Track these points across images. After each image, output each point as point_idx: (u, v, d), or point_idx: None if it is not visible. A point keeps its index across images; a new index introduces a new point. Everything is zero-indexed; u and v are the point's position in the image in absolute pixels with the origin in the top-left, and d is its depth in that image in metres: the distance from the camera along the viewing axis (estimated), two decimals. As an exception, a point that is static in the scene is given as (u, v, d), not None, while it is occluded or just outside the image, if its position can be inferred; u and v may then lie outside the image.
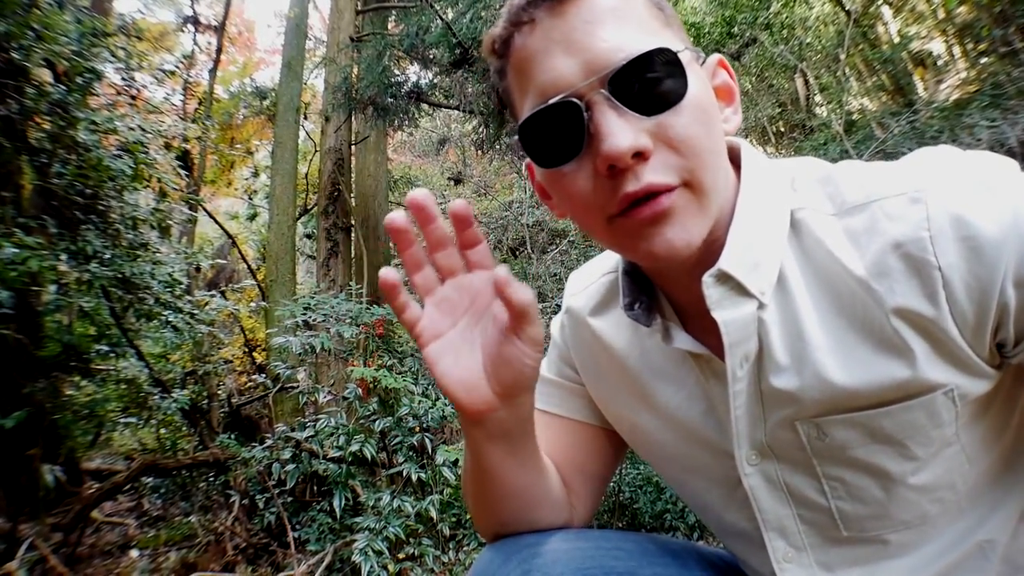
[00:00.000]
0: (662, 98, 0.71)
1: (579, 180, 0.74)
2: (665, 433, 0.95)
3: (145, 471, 4.87)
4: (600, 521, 3.79)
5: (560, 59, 0.72)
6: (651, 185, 0.70)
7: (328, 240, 7.60)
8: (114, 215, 4.63)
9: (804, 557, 0.86)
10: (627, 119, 0.70)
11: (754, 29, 7.95)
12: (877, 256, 0.73)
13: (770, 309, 0.79)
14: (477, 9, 5.46)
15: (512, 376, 0.73)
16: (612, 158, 0.69)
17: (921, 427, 0.75)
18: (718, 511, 0.95)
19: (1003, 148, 4.54)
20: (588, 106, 0.71)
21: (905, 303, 0.72)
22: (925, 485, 0.79)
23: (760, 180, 0.82)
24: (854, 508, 0.82)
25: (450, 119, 12.79)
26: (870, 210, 0.75)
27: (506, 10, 0.78)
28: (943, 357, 0.73)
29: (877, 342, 0.74)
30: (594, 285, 1.03)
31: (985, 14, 6.83)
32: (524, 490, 0.89)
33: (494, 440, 0.81)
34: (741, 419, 0.83)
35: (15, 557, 3.60)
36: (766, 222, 0.80)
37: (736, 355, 0.80)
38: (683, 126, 0.71)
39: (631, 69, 0.70)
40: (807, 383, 0.77)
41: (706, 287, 0.78)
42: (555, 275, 7.02)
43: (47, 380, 4.35)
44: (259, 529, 4.38)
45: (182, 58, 11.06)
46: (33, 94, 3.99)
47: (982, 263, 0.68)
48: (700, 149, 0.72)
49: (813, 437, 0.80)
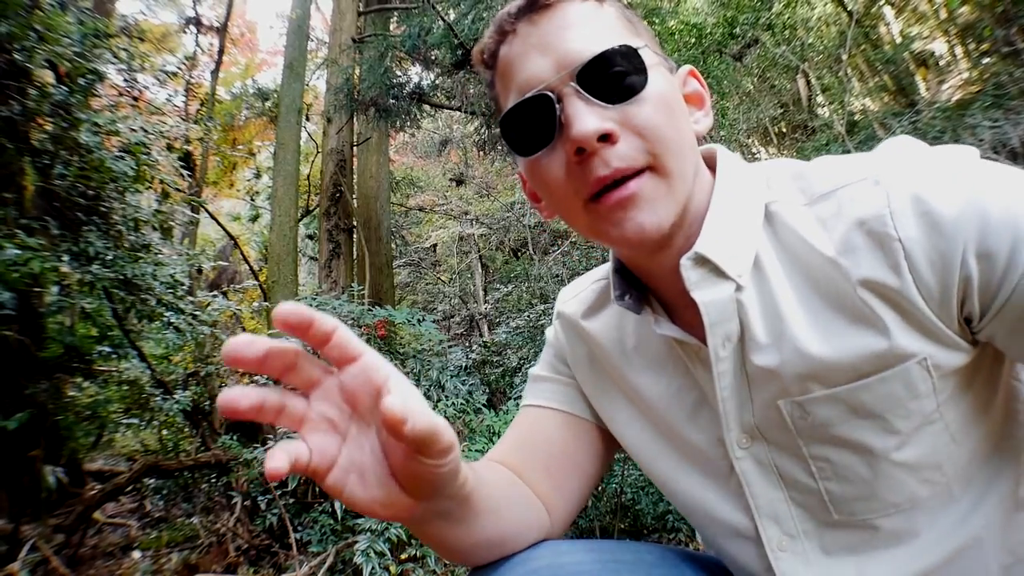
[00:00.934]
0: (626, 89, 0.78)
1: (553, 166, 0.81)
2: (658, 427, 0.98)
3: (147, 472, 4.87)
4: (602, 523, 3.79)
5: (536, 60, 0.81)
6: (618, 169, 0.77)
7: (330, 241, 7.60)
8: (116, 216, 4.64)
9: (798, 545, 0.87)
10: (594, 108, 0.77)
11: (756, 30, 7.95)
12: (843, 235, 0.78)
13: (748, 291, 0.83)
14: (479, 10, 5.47)
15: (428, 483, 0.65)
16: (579, 140, 0.76)
17: (899, 399, 0.78)
18: (711, 508, 0.95)
19: (1005, 148, 4.53)
20: (559, 98, 0.78)
21: (870, 274, 0.76)
22: (910, 462, 0.80)
23: (735, 178, 0.88)
24: (842, 488, 0.83)
25: (452, 120, 12.82)
26: (836, 196, 0.80)
27: (492, 24, 0.87)
28: (912, 326, 0.76)
29: (849, 315, 0.78)
30: (585, 292, 1.09)
31: (987, 14, 6.84)
32: (485, 539, 0.86)
33: (431, 522, 0.77)
34: (728, 400, 0.86)
35: (17, 558, 3.60)
36: (741, 213, 0.85)
37: (717, 335, 0.83)
38: (646, 114, 0.78)
39: (597, 63, 0.78)
40: (787, 358, 0.81)
41: (684, 269, 0.83)
42: (557, 276, 7.03)
43: (49, 381, 4.35)
44: (261, 530, 4.38)
45: (184, 59, 11.09)
46: (35, 95, 4.00)
47: (942, 236, 0.72)
48: (663, 135, 0.78)
49: (796, 416, 0.82)
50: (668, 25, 7.32)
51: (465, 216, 12.88)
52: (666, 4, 8.74)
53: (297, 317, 0.58)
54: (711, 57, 7.42)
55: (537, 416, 1.08)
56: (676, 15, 8.15)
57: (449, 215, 13.44)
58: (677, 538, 3.63)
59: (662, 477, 1.01)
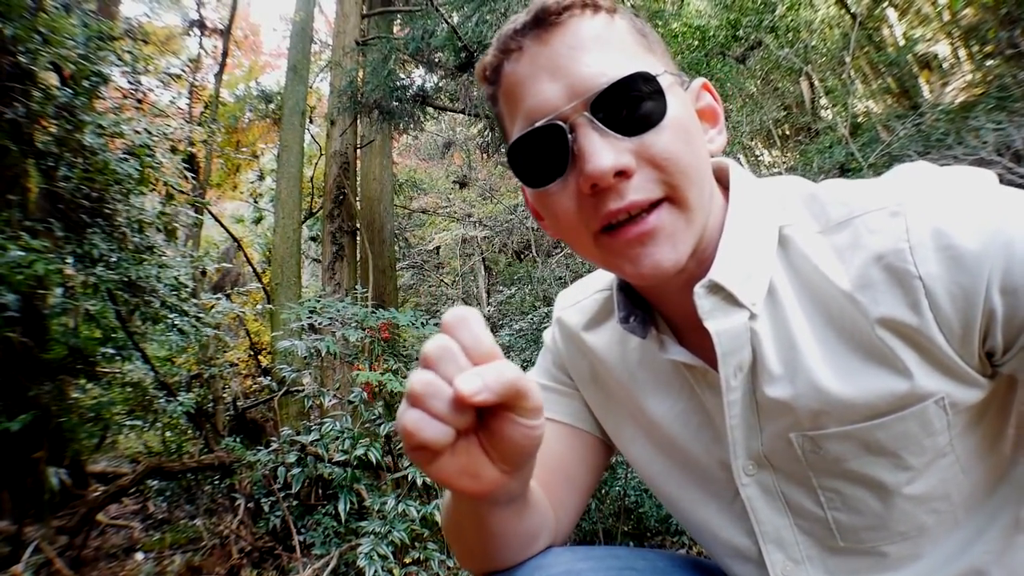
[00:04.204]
0: (643, 119, 0.73)
1: (564, 200, 0.77)
2: (662, 446, 0.95)
3: (150, 474, 4.87)
4: (605, 525, 3.78)
5: (546, 84, 0.75)
6: (633, 203, 0.73)
7: (333, 243, 7.60)
8: (120, 218, 4.64)
9: (802, 571, 0.86)
10: (609, 140, 0.72)
11: (759, 32, 7.95)
12: (861, 269, 0.75)
13: (762, 320, 0.80)
14: (482, 12, 5.47)
15: (520, 452, 0.64)
16: (594, 177, 0.72)
17: (914, 437, 0.76)
18: (715, 528, 0.93)
19: (1009, 151, 4.52)
20: (572, 128, 0.74)
21: (888, 313, 0.73)
22: (920, 495, 0.79)
23: (748, 198, 0.84)
24: (850, 519, 0.82)
25: (455, 122, 12.83)
26: (853, 226, 0.77)
27: (496, 39, 0.82)
28: (932, 366, 0.74)
29: (866, 353, 0.75)
30: (587, 300, 1.04)
31: (991, 16, 6.83)
32: (522, 533, 0.86)
33: (501, 507, 0.78)
34: (737, 428, 0.84)
35: (20, 560, 3.60)
36: (755, 237, 0.82)
37: (729, 365, 0.81)
38: (664, 144, 0.73)
39: (612, 92, 0.73)
40: (801, 391, 0.78)
41: (697, 297, 0.79)
42: (560, 279, 7.03)
43: (53, 383, 4.36)
44: (264, 532, 4.38)
45: (188, 62, 11.11)
46: (40, 97, 4.01)
47: (964, 272, 0.69)
48: (682, 165, 0.74)
49: (808, 450, 0.80)
50: (671, 28, 7.33)
51: (468, 218, 12.89)
52: (669, 7, 8.74)
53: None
54: (714, 60, 7.42)
55: None
56: (679, 18, 8.16)
57: (452, 217, 13.44)
58: (680, 540, 3.62)
59: (666, 495, 1.00)
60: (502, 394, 0.56)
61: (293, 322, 4.32)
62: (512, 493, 0.75)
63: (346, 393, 4.25)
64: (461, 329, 0.58)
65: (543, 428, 0.63)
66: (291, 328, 4.33)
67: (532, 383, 0.59)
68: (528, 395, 0.59)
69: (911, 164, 0.82)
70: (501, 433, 0.61)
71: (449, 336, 0.58)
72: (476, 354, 0.58)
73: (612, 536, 3.71)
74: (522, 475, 0.71)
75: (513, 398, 0.57)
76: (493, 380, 0.55)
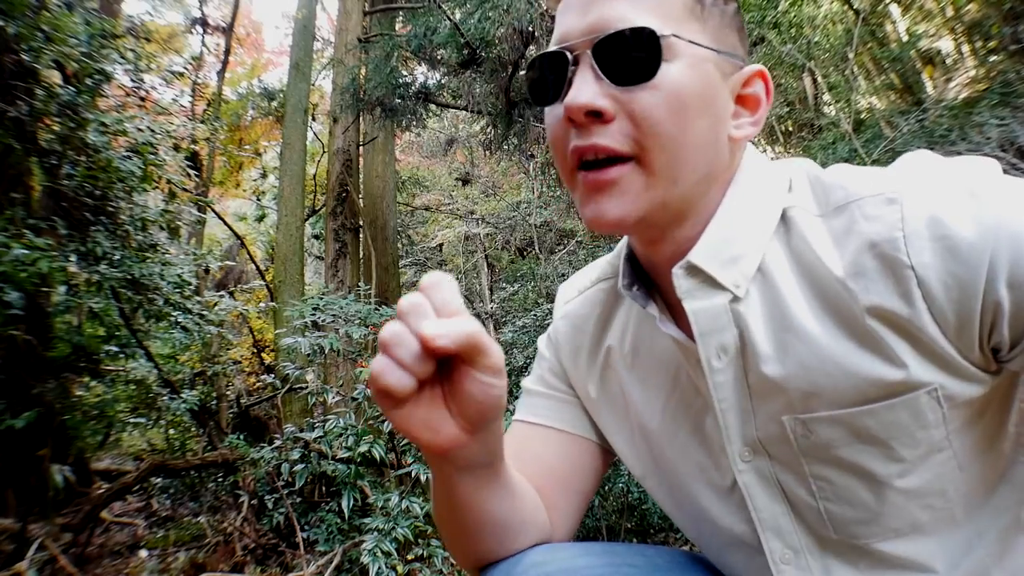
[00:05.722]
0: (635, 72, 0.75)
1: (556, 126, 0.81)
2: (662, 435, 0.95)
3: (154, 471, 4.89)
4: (608, 522, 3.78)
5: (575, 17, 0.79)
6: (597, 145, 0.76)
7: (336, 241, 7.61)
8: (123, 216, 4.65)
9: (801, 559, 0.85)
10: (600, 83, 0.76)
11: (762, 28, 7.92)
12: (854, 256, 0.75)
13: (751, 301, 0.81)
14: (485, 9, 5.46)
15: (478, 409, 0.67)
16: (569, 110, 0.76)
17: (905, 427, 0.75)
18: (714, 516, 0.93)
19: (1013, 147, 4.51)
20: (576, 60, 0.78)
21: (879, 301, 0.73)
22: (913, 489, 0.78)
23: (753, 181, 0.84)
24: (841, 510, 0.81)
25: (458, 119, 12.81)
26: (849, 210, 0.77)
27: None
28: (924, 356, 0.73)
29: (859, 340, 0.75)
30: (591, 290, 1.05)
31: (994, 11, 6.81)
32: (501, 518, 0.86)
33: (464, 473, 0.78)
34: (728, 412, 0.84)
35: (25, 557, 3.62)
36: (752, 220, 0.82)
37: (709, 345, 0.82)
38: (647, 104, 0.74)
39: (616, 39, 0.75)
40: (791, 371, 0.78)
41: (676, 278, 0.81)
42: (563, 275, 7.03)
43: (56, 381, 4.37)
44: (268, 529, 4.39)
45: (191, 59, 11.07)
46: (43, 96, 4.01)
47: (959, 262, 0.69)
48: (660, 131, 0.75)
49: (800, 434, 0.80)
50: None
51: (471, 215, 12.90)
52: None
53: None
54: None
55: (528, 433, 1.04)
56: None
57: (455, 214, 13.45)
58: (683, 537, 3.62)
59: (665, 492, 0.99)
60: (460, 343, 0.61)
61: (296, 319, 4.33)
62: (473, 458, 0.76)
63: (349, 390, 4.25)
64: (434, 290, 0.64)
65: (502, 391, 0.67)
66: (294, 325, 4.33)
67: (493, 343, 0.64)
68: (487, 351, 0.63)
69: (915, 153, 0.81)
70: (462, 388, 0.65)
71: (423, 295, 0.63)
72: (445, 312, 0.63)
73: (615, 533, 3.71)
74: (484, 440, 0.73)
75: (472, 351, 0.62)
76: (453, 330, 0.60)
